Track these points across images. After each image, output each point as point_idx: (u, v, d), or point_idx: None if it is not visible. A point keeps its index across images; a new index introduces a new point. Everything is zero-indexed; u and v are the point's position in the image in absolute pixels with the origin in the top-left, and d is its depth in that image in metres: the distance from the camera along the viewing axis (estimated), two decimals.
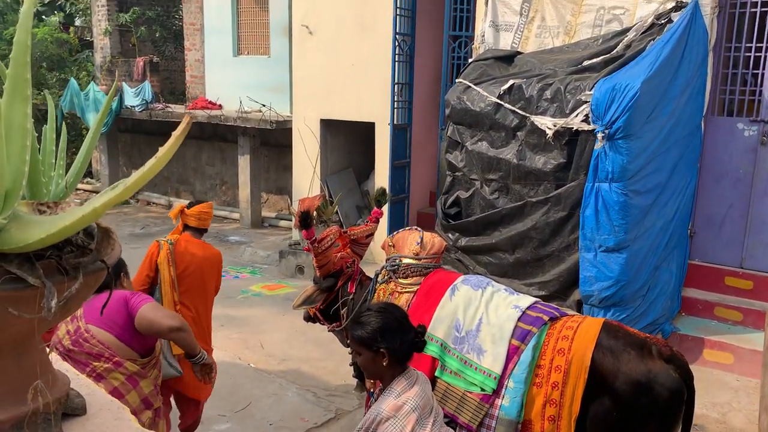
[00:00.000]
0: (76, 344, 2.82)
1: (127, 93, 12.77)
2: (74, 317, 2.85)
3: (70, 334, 2.84)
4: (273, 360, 6.09)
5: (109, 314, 2.86)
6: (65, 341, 2.83)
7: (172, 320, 2.89)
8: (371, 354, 2.44)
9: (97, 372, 2.80)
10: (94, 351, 2.83)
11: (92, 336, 2.83)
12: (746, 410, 5.25)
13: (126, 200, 13.80)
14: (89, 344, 2.82)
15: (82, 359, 2.79)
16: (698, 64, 5.93)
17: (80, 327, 2.83)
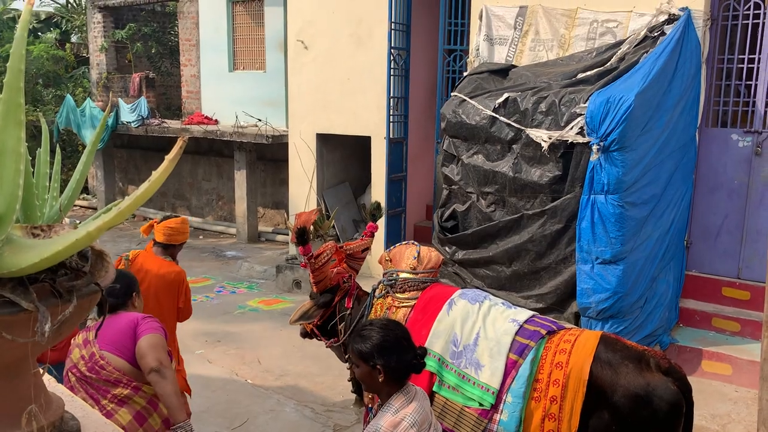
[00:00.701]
0: (93, 371, 2.80)
1: (123, 109, 12.79)
2: (87, 341, 2.85)
3: (85, 359, 2.82)
4: (270, 376, 6.06)
5: (120, 339, 2.85)
6: (81, 366, 2.82)
7: (156, 362, 2.80)
8: (368, 368, 2.44)
9: (118, 398, 2.80)
10: (111, 378, 2.82)
11: (108, 363, 2.82)
12: (746, 421, 5.23)
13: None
14: (106, 371, 2.81)
15: (101, 386, 2.79)
16: (691, 76, 5.97)
17: (95, 353, 2.81)
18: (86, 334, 2.92)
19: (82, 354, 2.84)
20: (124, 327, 2.88)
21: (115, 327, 2.89)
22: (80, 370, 2.81)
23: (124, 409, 2.76)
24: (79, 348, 2.85)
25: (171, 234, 4.21)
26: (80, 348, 2.85)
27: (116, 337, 2.86)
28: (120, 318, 2.96)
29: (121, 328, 2.88)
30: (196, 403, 5.41)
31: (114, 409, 2.76)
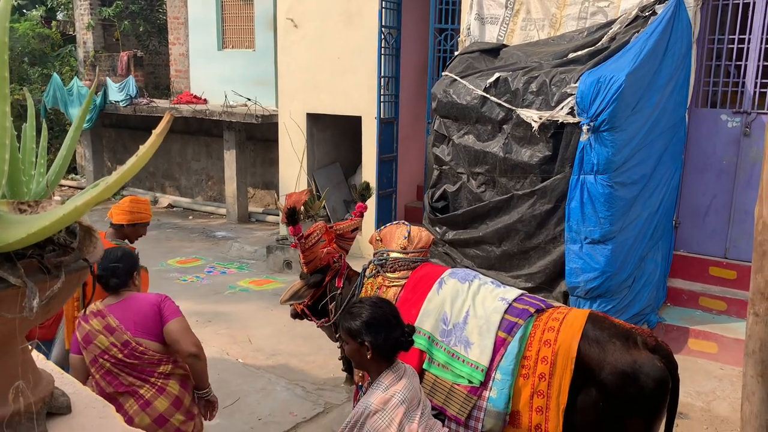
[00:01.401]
0: (134, 357, 2.97)
1: (111, 88, 12.65)
2: (112, 328, 2.97)
3: (118, 347, 2.95)
4: (261, 355, 6.09)
5: (147, 323, 3.00)
6: (115, 353, 2.95)
7: (194, 347, 3.02)
8: (356, 345, 2.48)
9: (164, 374, 3.02)
10: (154, 359, 3.01)
11: (147, 348, 2.99)
12: (730, 398, 5.32)
13: (112, 196, 13.70)
14: (147, 356, 2.99)
15: (146, 368, 2.98)
16: (682, 56, 5.97)
17: (130, 341, 2.96)
18: (104, 320, 3.00)
19: (111, 341, 2.95)
20: (148, 311, 3.02)
21: (137, 310, 3.02)
22: (116, 357, 2.95)
23: (172, 380, 3.03)
24: (104, 335, 2.96)
25: (117, 213, 4.02)
26: (106, 335, 2.96)
27: (143, 322, 2.99)
28: (136, 300, 3.08)
29: (145, 312, 3.01)
30: None
31: (164, 383, 3.01)
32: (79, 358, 3.09)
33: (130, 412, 2.96)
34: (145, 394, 2.98)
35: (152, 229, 11.13)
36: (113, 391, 2.97)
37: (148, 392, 2.99)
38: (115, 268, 3.07)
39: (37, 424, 1.11)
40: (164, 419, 2.98)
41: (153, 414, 2.97)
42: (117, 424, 1.22)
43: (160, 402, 2.99)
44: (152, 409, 2.98)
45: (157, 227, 11.37)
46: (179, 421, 3.03)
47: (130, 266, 3.17)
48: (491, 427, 3.19)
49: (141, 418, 2.95)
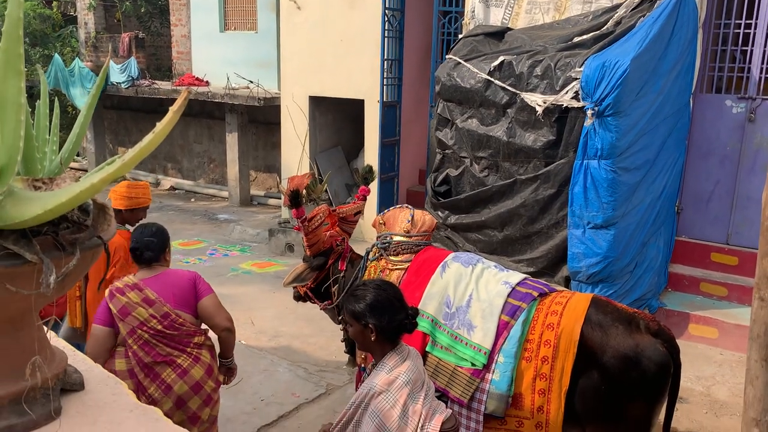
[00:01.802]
0: (173, 329, 3.17)
1: (112, 69, 12.59)
2: (151, 300, 3.14)
3: (158, 318, 3.13)
4: (264, 337, 6.12)
5: (185, 297, 3.23)
6: (154, 324, 3.12)
7: (228, 322, 3.31)
8: (360, 327, 2.49)
9: (198, 345, 3.26)
10: (191, 330, 3.23)
11: (185, 321, 3.20)
12: (730, 383, 5.35)
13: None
14: (185, 327, 3.20)
15: (183, 339, 3.20)
16: (688, 41, 5.93)
17: (170, 314, 3.16)
18: (142, 293, 3.15)
19: (151, 313, 3.12)
20: (185, 285, 3.25)
21: (175, 284, 3.24)
22: (155, 328, 3.13)
23: (204, 350, 3.27)
24: (143, 308, 3.12)
25: (115, 198, 4.01)
26: (145, 308, 3.12)
27: (182, 295, 3.22)
28: (172, 275, 3.30)
29: (182, 287, 3.24)
30: None
31: (198, 352, 3.24)
32: (104, 330, 3.17)
33: (168, 381, 3.14)
34: (182, 363, 3.18)
35: (154, 211, 11.16)
36: (151, 360, 3.12)
37: (185, 361, 3.19)
38: (149, 242, 3.24)
39: (52, 400, 1.12)
40: (200, 386, 3.21)
41: (190, 382, 3.18)
42: (129, 400, 1.24)
43: (196, 370, 3.21)
44: (189, 377, 3.19)
45: (159, 209, 11.38)
46: (211, 388, 3.28)
47: (164, 242, 3.33)
48: (494, 409, 3.22)
49: (179, 386, 3.16)
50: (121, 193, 4.02)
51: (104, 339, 3.16)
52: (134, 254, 3.25)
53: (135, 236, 3.31)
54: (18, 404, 1.10)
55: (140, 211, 4.18)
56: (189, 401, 3.20)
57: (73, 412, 1.16)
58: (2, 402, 1.08)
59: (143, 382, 3.14)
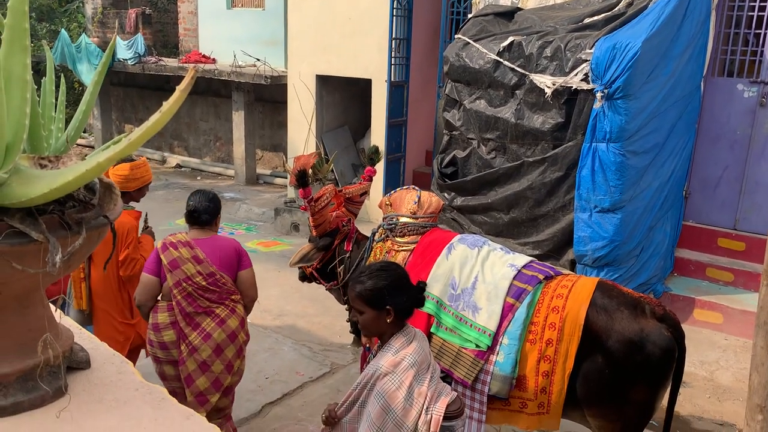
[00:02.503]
0: (216, 286, 3.50)
1: (119, 46, 12.52)
2: (199, 259, 3.46)
3: (203, 275, 3.46)
4: (269, 316, 6.15)
5: (229, 263, 3.57)
6: (199, 280, 3.46)
7: (256, 296, 3.73)
8: (375, 312, 2.43)
9: (234, 301, 3.57)
10: (231, 289, 3.56)
11: (227, 280, 3.54)
12: (733, 368, 5.36)
13: None
14: (227, 286, 3.54)
15: (224, 294, 3.53)
16: (700, 23, 5.85)
17: (215, 273, 3.49)
18: (192, 251, 3.47)
19: (197, 270, 3.45)
20: (230, 253, 3.58)
21: (222, 250, 3.56)
22: (199, 284, 3.46)
23: (239, 305, 3.59)
24: (192, 264, 3.45)
25: (118, 181, 3.93)
26: (193, 264, 3.45)
27: (227, 260, 3.55)
28: (219, 240, 3.62)
29: (228, 254, 3.57)
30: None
31: (234, 306, 3.57)
32: (151, 279, 3.49)
33: (208, 329, 3.47)
34: (220, 314, 3.51)
35: (160, 188, 11.18)
36: (192, 310, 3.46)
37: (223, 312, 3.52)
38: (207, 207, 3.57)
39: (59, 377, 1.13)
40: (235, 336, 3.56)
41: (227, 330, 3.51)
42: (135, 379, 1.24)
43: (233, 321, 3.54)
44: (227, 326, 3.52)
45: (165, 187, 11.40)
46: (243, 339, 3.63)
47: (217, 209, 3.64)
48: (497, 391, 3.23)
49: (218, 333, 3.48)
50: (125, 175, 4.02)
51: (152, 286, 3.48)
52: (191, 216, 3.56)
53: (193, 200, 3.60)
54: (25, 381, 1.10)
55: (145, 188, 4.23)
56: (226, 349, 3.53)
57: (79, 390, 1.17)
58: (9, 379, 1.09)
59: (185, 330, 3.44)
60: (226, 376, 3.56)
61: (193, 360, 3.45)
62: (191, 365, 3.46)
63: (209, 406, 3.52)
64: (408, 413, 2.36)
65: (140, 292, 3.51)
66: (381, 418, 2.34)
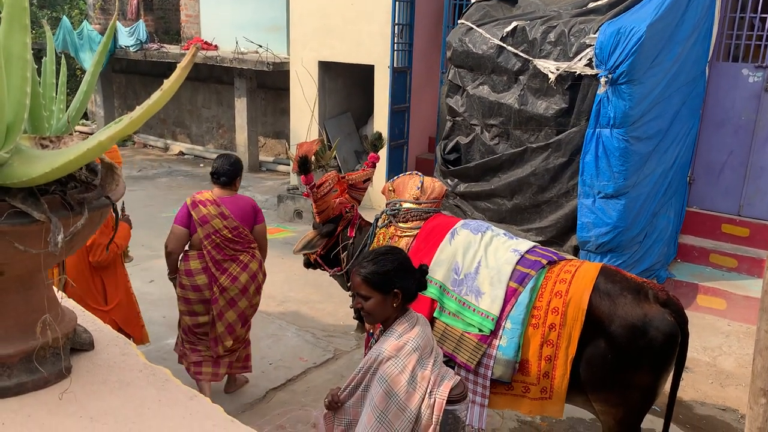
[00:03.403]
0: (240, 238, 4.16)
1: (121, 32, 12.47)
2: (225, 215, 4.08)
3: (229, 229, 4.10)
4: (272, 302, 6.16)
5: (248, 218, 4.21)
6: (226, 233, 4.10)
7: (266, 245, 4.44)
8: (382, 296, 2.42)
9: (253, 249, 4.25)
10: (250, 241, 4.23)
11: (248, 234, 4.20)
12: (736, 354, 5.36)
13: (122, 142, 13.68)
14: (248, 238, 4.22)
15: (245, 243, 4.20)
16: (705, 7, 5.80)
17: (238, 227, 4.14)
18: (219, 208, 4.07)
19: (224, 224, 4.09)
20: (249, 210, 4.23)
21: (241, 207, 4.20)
22: (226, 236, 4.11)
23: (256, 252, 4.28)
24: (219, 219, 4.07)
25: None
26: (220, 219, 4.08)
27: (246, 217, 4.20)
28: (240, 199, 4.24)
29: (247, 210, 4.22)
30: None
31: (254, 252, 4.25)
32: (182, 230, 4.10)
33: (234, 273, 4.15)
34: (244, 260, 4.20)
35: (163, 176, 11.18)
36: (221, 258, 4.11)
37: (246, 257, 4.21)
38: (228, 169, 4.14)
39: (62, 358, 1.13)
40: (255, 276, 4.26)
41: (250, 273, 4.21)
42: (139, 360, 1.24)
43: (253, 264, 4.24)
44: (249, 269, 4.21)
45: (168, 174, 11.39)
46: (261, 279, 4.35)
47: (236, 172, 4.19)
48: (500, 375, 3.24)
49: (243, 276, 4.17)
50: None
51: (182, 237, 4.12)
52: (213, 176, 4.16)
53: (217, 163, 4.18)
54: (29, 362, 1.10)
55: None
56: (249, 288, 4.23)
57: (82, 372, 1.17)
58: (12, 360, 1.09)
59: (215, 274, 4.10)
60: (249, 310, 4.30)
61: (223, 298, 4.12)
62: (222, 302, 4.12)
63: (235, 336, 4.22)
64: (411, 397, 2.37)
65: (172, 241, 4.13)
66: (384, 402, 2.35)
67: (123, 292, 4.12)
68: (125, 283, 4.17)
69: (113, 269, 4.06)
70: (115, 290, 4.06)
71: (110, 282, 4.04)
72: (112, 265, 4.04)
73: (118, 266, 4.10)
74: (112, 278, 4.04)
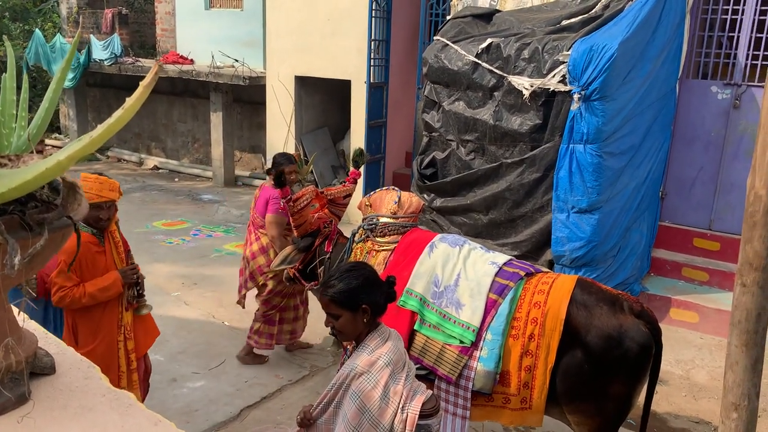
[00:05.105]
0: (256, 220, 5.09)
1: (95, 46, 12.36)
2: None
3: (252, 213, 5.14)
4: (248, 318, 6.07)
5: (261, 206, 4.99)
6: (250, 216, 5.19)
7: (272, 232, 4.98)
8: (352, 314, 2.42)
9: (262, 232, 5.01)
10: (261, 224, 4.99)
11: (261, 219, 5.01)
12: (709, 367, 5.42)
13: (96, 156, 13.50)
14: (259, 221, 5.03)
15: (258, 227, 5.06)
16: (675, 25, 5.92)
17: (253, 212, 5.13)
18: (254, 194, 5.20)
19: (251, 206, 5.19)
20: (262, 201, 5.00)
21: (261, 197, 5.04)
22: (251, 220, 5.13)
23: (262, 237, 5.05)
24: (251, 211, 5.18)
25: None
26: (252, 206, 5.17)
27: (260, 205, 5.01)
28: (262, 190, 5.09)
29: (263, 200, 4.99)
30: (173, 344, 5.44)
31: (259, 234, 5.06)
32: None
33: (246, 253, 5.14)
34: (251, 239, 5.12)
35: (137, 190, 11.04)
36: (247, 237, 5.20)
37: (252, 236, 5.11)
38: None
39: (22, 384, 1.09)
40: (254, 256, 5.09)
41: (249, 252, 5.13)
42: (102, 384, 1.21)
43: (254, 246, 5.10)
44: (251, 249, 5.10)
45: (143, 189, 11.26)
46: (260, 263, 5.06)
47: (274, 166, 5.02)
48: (481, 386, 3.25)
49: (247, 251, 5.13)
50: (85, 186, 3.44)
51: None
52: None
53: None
54: None
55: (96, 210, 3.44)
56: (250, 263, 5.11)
57: (42, 397, 1.13)
58: None
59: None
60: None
61: None
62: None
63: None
64: (384, 412, 2.35)
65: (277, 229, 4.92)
66: (357, 418, 2.33)
67: (101, 343, 3.52)
68: (109, 336, 3.54)
69: (92, 315, 3.50)
70: (88, 337, 3.51)
71: (84, 327, 3.52)
72: (92, 311, 3.49)
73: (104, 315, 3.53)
74: (87, 324, 3.51)
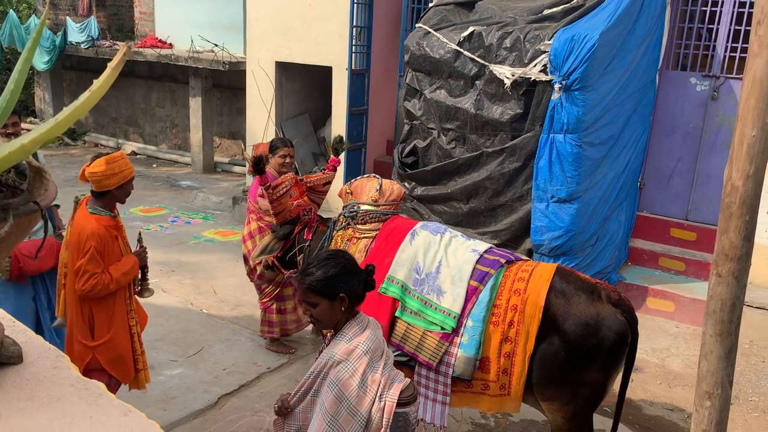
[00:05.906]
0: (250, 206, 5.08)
1: (71, 28, 12.12)
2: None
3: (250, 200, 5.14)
4: (226, 306, 6.06)
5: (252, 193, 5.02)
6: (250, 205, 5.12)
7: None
8: (329, 302, 2.41)
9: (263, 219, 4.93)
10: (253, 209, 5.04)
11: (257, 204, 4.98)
12: (683, 355, 5.50)
13: (73, 141, 13.28)
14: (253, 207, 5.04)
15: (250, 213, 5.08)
16: (656, 17, 5.95)
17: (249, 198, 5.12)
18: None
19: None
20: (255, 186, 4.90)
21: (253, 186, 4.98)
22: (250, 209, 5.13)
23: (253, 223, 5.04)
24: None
25: (95, 180, 3.43)
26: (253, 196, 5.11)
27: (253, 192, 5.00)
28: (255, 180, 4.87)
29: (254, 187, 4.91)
30: (150, 331, 5.38)
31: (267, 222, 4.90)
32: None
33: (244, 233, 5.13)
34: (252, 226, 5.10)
35: None
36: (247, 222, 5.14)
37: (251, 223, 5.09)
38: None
39: None
40: (245, 239, 5.10)
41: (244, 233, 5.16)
42: (71, 373, 1.18)
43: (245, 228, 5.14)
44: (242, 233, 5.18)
45: None
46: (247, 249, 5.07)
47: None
48: (461, 373, 3.27)
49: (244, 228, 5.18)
50: (101, 171, 3.42)
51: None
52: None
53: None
54: None
55: (128, 185, 3.57)
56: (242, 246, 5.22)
57: (9, 387, 1.10)
58: None
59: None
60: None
61: None
62: None
63: None
64: (362, 401, 2.35)
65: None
66: (335, 407, 2.32)
67: (117, 331, 3.56)
68: (123, 322, 3.60)
69: (108, 304, 3.54)
70: (105, 327, 3.53)
71: (101, 317, 3.53)
72: (108, 299, 3.52)
73: (117, 302, 3.58)
74: (104, 313, 3.53)
